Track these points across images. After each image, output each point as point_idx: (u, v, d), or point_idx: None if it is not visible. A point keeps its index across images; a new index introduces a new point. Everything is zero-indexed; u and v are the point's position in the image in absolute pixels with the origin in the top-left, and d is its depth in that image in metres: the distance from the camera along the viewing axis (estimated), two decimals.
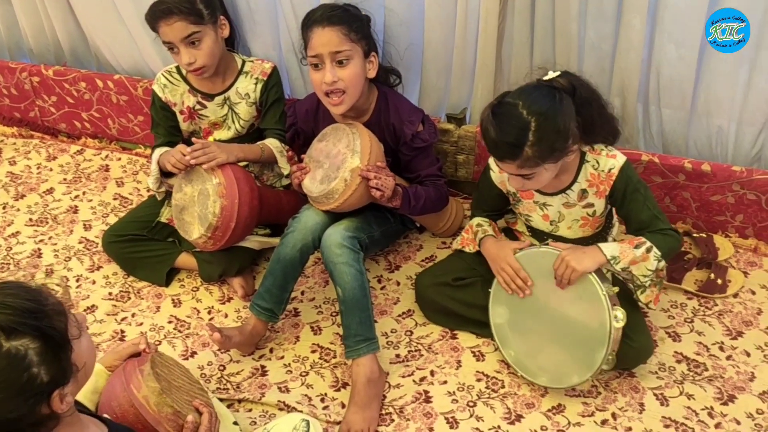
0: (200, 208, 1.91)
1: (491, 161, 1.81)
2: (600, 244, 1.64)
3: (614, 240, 1.84)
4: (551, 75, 1.60)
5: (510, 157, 1.55)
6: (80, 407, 1.31)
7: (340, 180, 1.77)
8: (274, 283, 1.84)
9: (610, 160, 1.68)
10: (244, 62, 2.11)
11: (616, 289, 1.62)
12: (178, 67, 2.09)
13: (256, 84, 2.09)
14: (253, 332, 1.86)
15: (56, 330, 1.07)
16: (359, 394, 1.72)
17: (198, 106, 2.09)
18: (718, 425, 1.66)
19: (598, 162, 1.69)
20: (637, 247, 1.63)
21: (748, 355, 1.80)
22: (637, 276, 1.65)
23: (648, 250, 1.63)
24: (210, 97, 2.09)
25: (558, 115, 1.53)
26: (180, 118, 2.12)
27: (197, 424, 1.40)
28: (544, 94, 1.55)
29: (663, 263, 1.65)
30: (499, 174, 1.80)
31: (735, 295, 1.94)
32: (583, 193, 1.72)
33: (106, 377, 1.47)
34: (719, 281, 1.94)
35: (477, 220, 1.90)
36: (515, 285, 1.72)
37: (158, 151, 2.05)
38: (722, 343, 1.84)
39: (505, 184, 1.81)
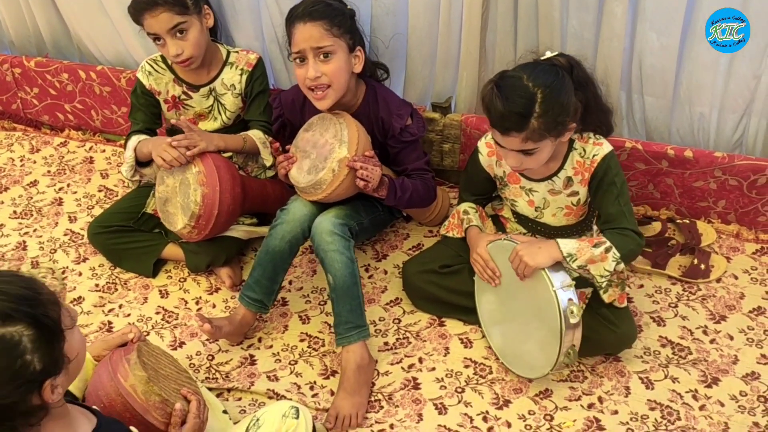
0: (182, 197, 1.90)
1: (480, 144, 1.82)
2: (558, 240, 1.63)
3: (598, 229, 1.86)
4: (549, 54, 1.62)
5: (517, 129, 1.55)
6: (69, 397, 1.30)
7: (328, 170, 1.77)
8: (264, 275, 1.84)
9: (595, 147, 1.69)
10: (229, 53, 2.10)
11: (574, 282, 1.60)
12: (163, 56, 2.08)
13: (241, 75, 2.08)
14: (243, 322, 1.87)
15: (51, 319, 1.07)
16: (349, 381, 1.73)
17: (183, 96, 2.09)
18: (702, 407, 1.69)
19: (584, 149, 1.70)
20: (596, 246, 1.62)
21: (731, 338, 1.83)
22: (595, 276, 1.63)
23: (607, 250, 1.62)
24: (195, 88, 2.08)
25: (562, 89, 1.55)
26: (164, 106, 2.11)
27: (185, 411, 1.40)
28: (547, 70, 1.57)
29: (622, 265, 1.63)
30: (487, 157, 1.81)
31: (718, 280, 1.97)
32: (569, 180, 1.73)
33: (93, 366, 1.46)
34: (702, 266, 1.96)
35: (464, 206, 1.90)
36: (486, 275, 1.74)
37: (135, 139, 2.03)
38: (706, 327, 1.86)
39: (492, 168, 1.82)
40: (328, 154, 1.79)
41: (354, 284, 1.77)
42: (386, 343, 1.89)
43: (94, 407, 1.31)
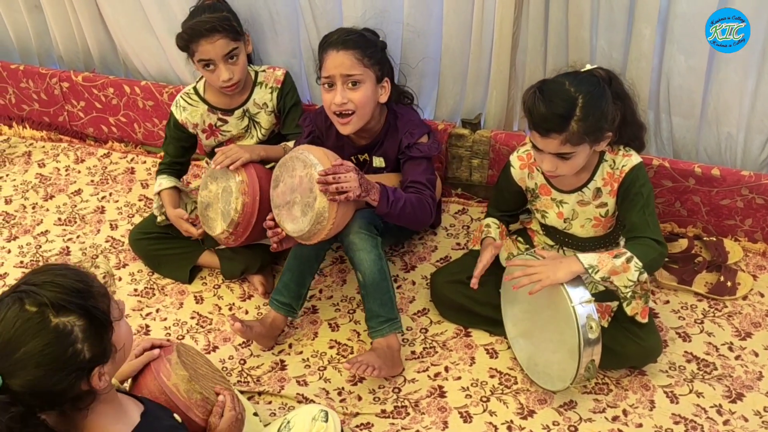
0: (223, 204, 1.98)
1: (512, 157, 1.86)
2: (579, 254, 1.66)
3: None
4: (589, 67, 1.68)
5: (557, 130, 1.59)
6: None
7: (320, 197, 1.71)
8: (292, 279, 1.91)
9: (625, 159, 1.73)
10: (257, 73, 2.19)
11: (593, 299, 1.61)
12: (195, 89, 2.18)
13: (272, 93, 2.17)
14: (273, 325, 1.93)
15: (100, 310, 1.14)
16: (379, 349, 1.81)
17: (219, 123, 2.18)
18: (726, 422, 1.70)
19: (614, 161, 1.74)
20: (616, 257, 1.64)
21: (757, 355, 1.84)
22: (619, 287, 1.65)
23: (628, 260, 1.63)
24: (229, 112, 2.17)
25: (602, 97, 1.61)
26: (202, 136, 2.20)
27: (224, 404, 1.46)
28: (587, 79, 1.63)
29: (645, 275, 1.65)
30: (519, 170, 1.85)
31: (744, 298, 1.98)
32: (598, 191, 1.77)
33: None
34: (729, 284, 1.98)
35: (488, 220, 1.95)
36: (526, 281, 1.71)
37: (160, 183, 2.18)
38: (731, 343, 1.87)
39: (524, 181, 1.86)
40: (311, 183, 1.73)
41: (383, 279, 1.82)
42: (413, 352, 1.93)
43: (141, 396, 1.37)
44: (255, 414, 1.73)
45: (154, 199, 2.20)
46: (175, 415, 1.37)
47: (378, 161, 2.02)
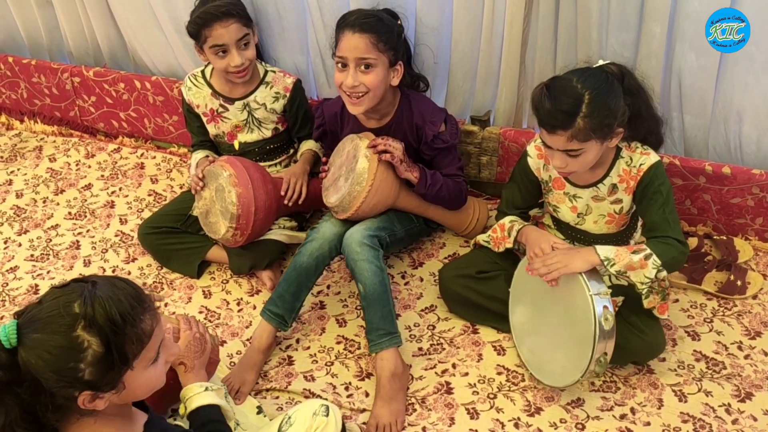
0: (220, 203, 2.00)
1: (529, 147, 1.85)
2: (596, 246, 1.66)
3: (636, 244, 1.87)
4: (601, 62, 1.67)
5: (563, 127, 1.58)
6: None
7: (362, 159, 1.85)
8: (288, 290, 1.89)
9: (642, 157, 1.71)
10: (266, 72, 2.20)
11: (610, 290, 1.62)
12: (203, 72, 2.21)
13: (276, 98, 2.18)
14: (266, 348, 1.90)
15: (122, 350, 1.13)
16: (384, 389, 1.77)
17: (221, 109, 2.20)
18: (735, 421, 1.69)
19: (631, 158, 1.72)
20: (635, 252, 1.63)
21: (766, 354, 1.83)
22: (636, 282, 1.65)
23: (647, 257, 1.63)
24: (231, 101, 2.19)
25: (610, 92, 1.59)
26: (204, 119, 2.23)
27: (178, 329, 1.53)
28: (596, 74, 1.61)
29: (664, 273, 1.64)
30: (537, 159, 1.84)
31: (754, 297, 1.97)
32: (614, 188, 1.76)
33: None
34: (739, 283, 1.97)
35: (509, 218, 1.89)
36: (542, 271, 1.70)
37: (195, 157, 2.22)
38: (741, 342, 1.86)
39: (540, 171, 1.85)
40: (355, 152, 1.88)
41: (384, 292, 1.82)
42: (420, 349, 1.93)
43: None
44: (259, 408, 1.75)
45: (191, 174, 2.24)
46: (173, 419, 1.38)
47: None
